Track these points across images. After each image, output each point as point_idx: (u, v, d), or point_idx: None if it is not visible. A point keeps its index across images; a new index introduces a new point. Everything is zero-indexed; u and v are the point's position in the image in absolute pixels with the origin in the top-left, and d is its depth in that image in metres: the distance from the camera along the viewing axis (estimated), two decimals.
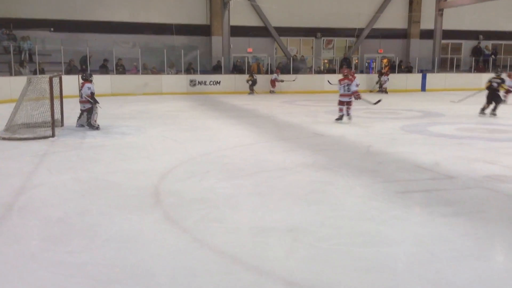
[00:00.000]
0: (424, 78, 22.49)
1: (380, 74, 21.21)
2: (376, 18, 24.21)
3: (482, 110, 11.71)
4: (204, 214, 4.18)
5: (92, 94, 9.12)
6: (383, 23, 24.27)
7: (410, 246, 3.51)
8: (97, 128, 9.07)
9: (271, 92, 19.95)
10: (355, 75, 11.75)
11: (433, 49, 23.78)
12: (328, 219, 4.06)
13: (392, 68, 23.25)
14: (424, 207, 4.43)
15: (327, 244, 3.48)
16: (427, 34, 24.23)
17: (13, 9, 18.86)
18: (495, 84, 11.60)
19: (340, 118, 10.55)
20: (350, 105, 10.62)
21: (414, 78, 22.56)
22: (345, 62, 22.01)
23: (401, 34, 24.99)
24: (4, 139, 7.88)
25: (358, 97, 10.66)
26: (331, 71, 23.03)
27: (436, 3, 23.36)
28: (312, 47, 24.27)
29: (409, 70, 23.24)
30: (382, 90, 20.47)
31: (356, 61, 24.33)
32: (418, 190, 5.08)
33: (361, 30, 24.21)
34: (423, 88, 22.38)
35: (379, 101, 11.75)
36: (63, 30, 19.49)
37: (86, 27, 19.98)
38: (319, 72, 22.69)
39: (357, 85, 10.85)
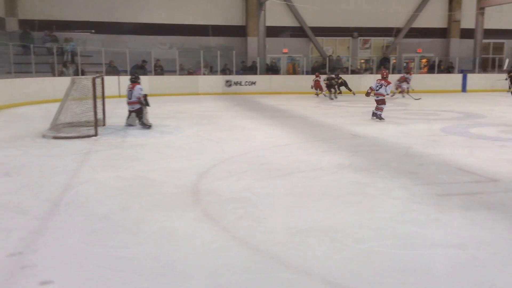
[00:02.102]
0: (464, 79, 21.92)
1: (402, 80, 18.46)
2: (415, 17, 23.77)
3: None
4: (242, 213, 4.23)
5: (145, 95, 9.40)
6: (422, 22, 23.82)
7: (451, 249, 3.45)
8: (150, 126, 9.33)
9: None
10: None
11: (474, 48, 23.13)
12: (366, 220, 4.03)
13: (431, 68, 22.78)
14: (465, 210, 4.34)
15: (366, 246, 3.47)
16: (467, 33, 23.63)
17: (56, 12, 19.55)
18: None
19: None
20: (379, 104, 10.78)
21: (454, 79, 22.02)
22: (385, 62, 21.72)
23: (441, 33, 24.47)
24: (49, 137, 8.19)
25: (368, 95, 11.03)
26: (368, 71, 22.78)
27: (477, 2, 22.72)
28: (349, 47, 24.08)
29: (449, 70, 22.70)
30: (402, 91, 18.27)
31: (394, 60, 23.95)
32: (459, 193, 4.98)
33: (399, 29, 23.85)
34: (463, 89, 21.82)
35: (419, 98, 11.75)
36: (104, 31, 20.06)
37: (126, 28, 20.50)
38: (355, 72, 22.46)
39: (387, 89, 10.93)
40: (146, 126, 9.37)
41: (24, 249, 3.38)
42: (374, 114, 10.87)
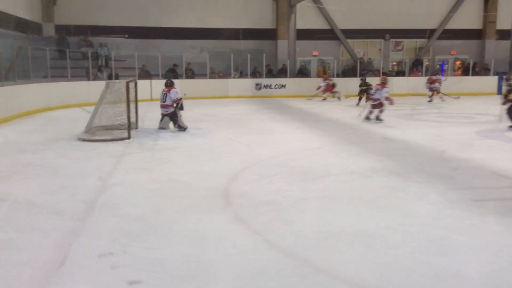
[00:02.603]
0: (500, 81, 21.28)
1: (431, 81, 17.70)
2: (449, 18, 23.27)
3: None
4: (273, 216, 4.23)
5: (180, 98, 9.58)
6: (456, 23, 23.30)
7: (487, 256, 3.37)
8: (186, 129, 9.54)
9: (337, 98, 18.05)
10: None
11: (511, 50, 22.42)
12: (400, 225, 3.97)
13: (466, 70, 22.24)
14: (502, 216, 4.22)
15: (400, 251, 3.41)
16: (503, 35, 22.94)
17: (91, 17, 20.04)
18: None
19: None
20: (375, 108, 11.00)
21: (490, 81, 21.42)
22: (418, 65, 21.38)
23: (476, 35, 23.87)
24: (84, 140, 8.40)
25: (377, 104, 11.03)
26: (400, 73, 22.43)
27: None
28: (380, 49, 23.76)
29: (485, 72, 22.11)
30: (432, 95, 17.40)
31: (427, 63, 23.50)
32: (496, 199, 4.85)
33: (432, 30, 23.40)
34: (499, 92, 21.16)
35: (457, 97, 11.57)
36: (137, 36, 20.45)
37: (158, 33, 20.84)
38: (387, 74, 22.14)
39: (386, 92, 11.02)
40: (182, 128, 9.51)
41: (60, 250, 3.47)
42: (377, 118, 11.03)
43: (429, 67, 23.44)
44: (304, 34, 22.07)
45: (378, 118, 11.02)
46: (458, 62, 24.06)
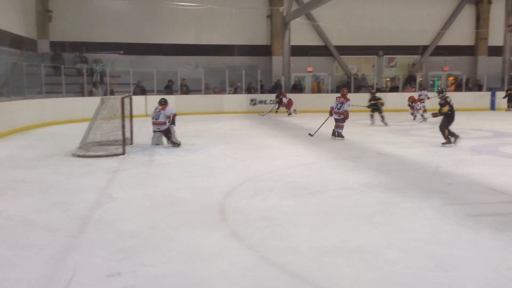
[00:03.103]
0: (493, 97, 21.50)
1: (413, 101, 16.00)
2: (441, 35, 23.59)
3: None
4: (270, 232, 4.21)
5: (175, 114, 9.71)
6: (448, 40, 23.60)
7: (484, 271, 3.36)
8: (179, 145, 9.52)
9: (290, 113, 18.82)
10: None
11: (503, 66, 22.69)
12: (396, 241, 3.96)
13: (459, 86, 22.47)
14: (498, 231, 4.21)
15: (396, 267, 3.39)
16: (495, 51, 23.25)
17: (86, 33, 20.13)
18: None
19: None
20: (339, 122, 10.88)
21: (483, 97, 21.63)
22: (411, 81, 21.57)
23: (468, 51, 24.17)
24: (78, 156, 8.36)
25: (346, 117, 10.94)
26: (393, 89, 22.60)
27: (505, 19, 22.37)
28: (374, 65, 23.98)
29: (478, 88, 22.33)
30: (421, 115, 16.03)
31: (421, 79, 23.72)
32: (491, 214, 4.85)
33: (425, 47, 23.68)
34: (492, 107, 21.40)
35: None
36: (132, 52, 20.54)
37: (153, 49, 20.94)
38: (380, 90, 22.30)
39: (349, 105, 10.99)
40: (176, 144, 9.50)
41: (55, 267, 3.43)
42: (334, 133, 10.94)
43: (422, 82, 23.66)
44: (299, 50, 22.26)
45: (339, 135, 10.85)
46: (451, 78, 24.30)
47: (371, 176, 6.63)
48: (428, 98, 18.69)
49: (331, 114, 11.03)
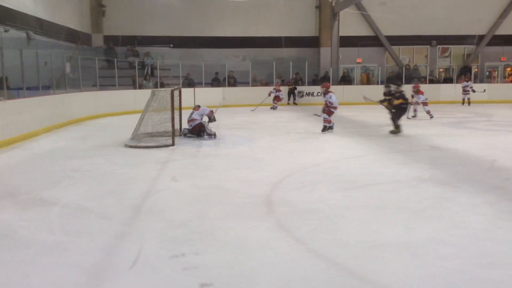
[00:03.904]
0: None
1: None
2: (499, 23, 22.44)
3: None
4: (317, 224, 4.18)
5: (212, 111, 9.94)
6: (506, 29, 22.45)
7: None
8: (215, 134, 9.62)
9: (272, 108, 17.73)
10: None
11: None
12: (449, 237, 3.82)
13: None
14: None
15: (449, 264, 3.28)
16: None
17: (137, 28, 20.65)
18: None
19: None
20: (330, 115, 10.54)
21: None
22: (466, 71, 20.75)
23: None
24: (130, 147, 8.61)
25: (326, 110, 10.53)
26: (448, 80, 21.79)
27: None
28: (427, 56, 23.20)
29: None
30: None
31: (476, 70, 22.74)
32: None
33: (481, 36, 22.62)
34: None
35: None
36: (181, 46, 20.87)
37: (201, 42, 21.21)
38: (433, 81, 21.58)
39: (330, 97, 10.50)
40: (211, 135, 9.58)
41: (108, 253, 3.56)
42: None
43: (478, 74, 22.69)
44: (347, 41, 21.86)
45: (324, 129, 10.52)
46: (508, 69, 23.15)
47: (423, 170, 6.43)
48: (474, 91, 18.08)
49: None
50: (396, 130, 10.00)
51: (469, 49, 23.13)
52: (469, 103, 18.22)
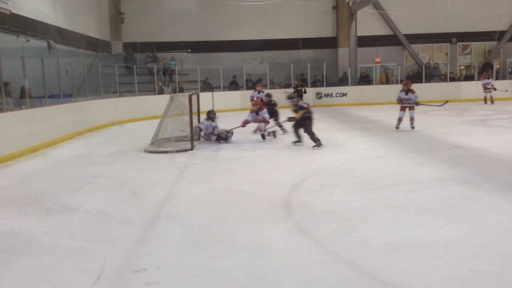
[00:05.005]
0: None
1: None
2: None
3: None
4: (336, 227, 4.15)
5: (227, 131, 9.86)
6: None
7: None
8: (227, 135, 9.69)
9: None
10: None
11: None
12: (471, 237, 3.75)
13: None
14: None
15: (472, 265, 3.22)
16: None
17: (155, 34, 20.90)
18: None
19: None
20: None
21: None
22: (487, 68, 20.38)
23: None
24: (150, 152, 8.70)
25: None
26: (468, 78, 21.42)
27: None
28: (447, 53, 22.86)
29: None
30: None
31: (498, 66, 22.30)
32: None
33: (502, 32, 22.18)
34: None
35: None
36: (199, 50, 21.04)
37: (219, 46, 21.36)
38: (454, 79, 21.23)
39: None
40: (224, 138, 9.64)
41: (129, 258, 3.59)
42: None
43: (500, 70, 22.24)
44: (366, 41, 21.71)
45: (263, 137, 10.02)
46: None
47: (444, 169, 6.33)
48: (495, 89, 17.70)
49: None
50: (316, 141, 8.72)
51: (490, 46, 22.72)
52: (492, 101, 17.86)
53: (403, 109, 10.67)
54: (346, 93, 20.04)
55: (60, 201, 5.35)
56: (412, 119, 10.62)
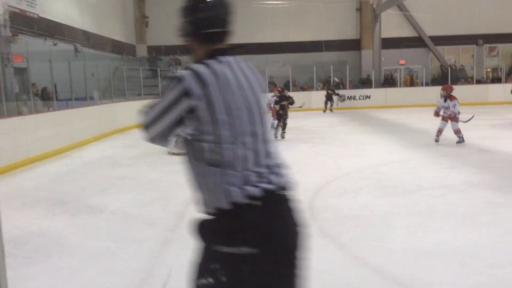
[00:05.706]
0: None
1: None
2: None
3: None
4: (361, 231, 4.11)
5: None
6: None
7: None
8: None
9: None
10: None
11: None
12: (500, 244, 3.67)
13: None
14: None
15: (501, 272, 3.15)
16: None
17: (179, 37, 21.05)
18: None
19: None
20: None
21: None
22: None
23: None
24: (174, 154, 8.76)
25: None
26: (495, 80, 20.98)
27: None
28: (473, 55, 22.45)
29: None
30: None
31: None
32: None
33: None
34: None
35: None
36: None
37: (243, 49, 21.38)
38: (481, 82, 20.83)
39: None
40: None
41: (154, 259, 3.63)
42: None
43: None
44: (390, 43, 21.49)
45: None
46: None
47: (471, 174, 6.21)
48: None
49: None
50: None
51: None
52: None
53: (444, 118, 9.03)
54: (370, 96, 19.86)
55: (86, 202, 5.44)
56: (457, 131, 8.88)
